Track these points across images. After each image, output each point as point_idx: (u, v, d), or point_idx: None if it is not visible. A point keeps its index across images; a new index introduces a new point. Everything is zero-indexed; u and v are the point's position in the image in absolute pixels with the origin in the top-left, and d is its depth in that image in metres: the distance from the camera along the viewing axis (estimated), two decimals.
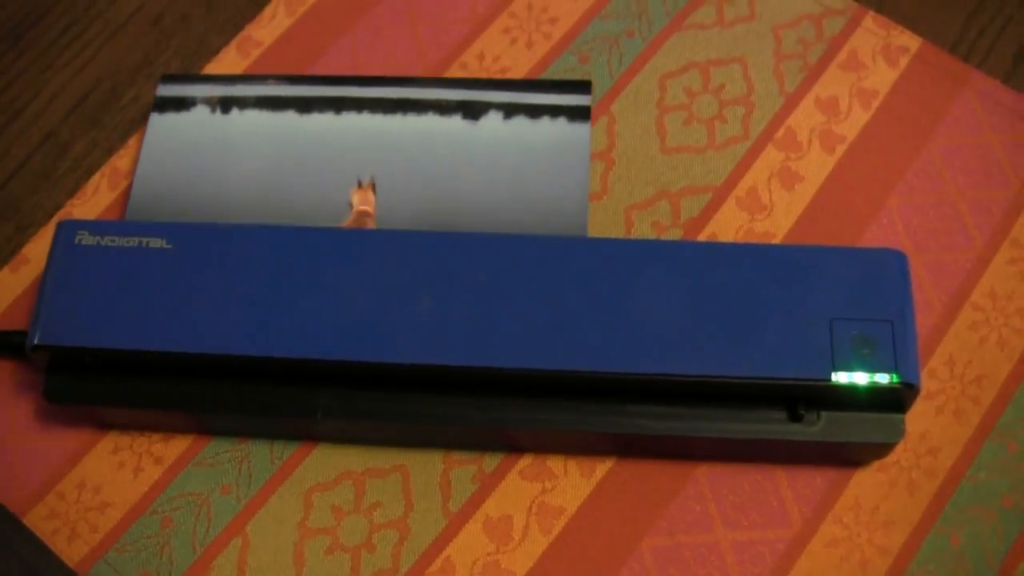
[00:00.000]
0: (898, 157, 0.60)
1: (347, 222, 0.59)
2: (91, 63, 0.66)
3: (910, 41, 0.63)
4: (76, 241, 0.55)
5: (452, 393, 0.53)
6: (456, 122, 0.61)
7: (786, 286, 0.52)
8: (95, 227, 0.55)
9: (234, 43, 0.66)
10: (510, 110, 0.62)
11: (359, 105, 0.62)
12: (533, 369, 0.51)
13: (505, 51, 0.64)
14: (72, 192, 0.63)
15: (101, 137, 0.64)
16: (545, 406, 0.53)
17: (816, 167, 0.60)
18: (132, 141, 0.63)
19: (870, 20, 0.64)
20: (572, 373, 0.51)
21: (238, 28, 0.66)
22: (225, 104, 0.63)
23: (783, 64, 0.63)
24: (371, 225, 0.59)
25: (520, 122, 0.61)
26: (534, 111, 0.61)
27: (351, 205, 0.60)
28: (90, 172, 0.63)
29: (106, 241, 0.55)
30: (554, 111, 0.61)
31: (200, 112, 0.63)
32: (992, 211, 0.59)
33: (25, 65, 0.67)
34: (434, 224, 0.59)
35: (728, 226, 0.59)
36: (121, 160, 0.63)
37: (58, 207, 0.62)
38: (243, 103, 0.63)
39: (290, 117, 0.62)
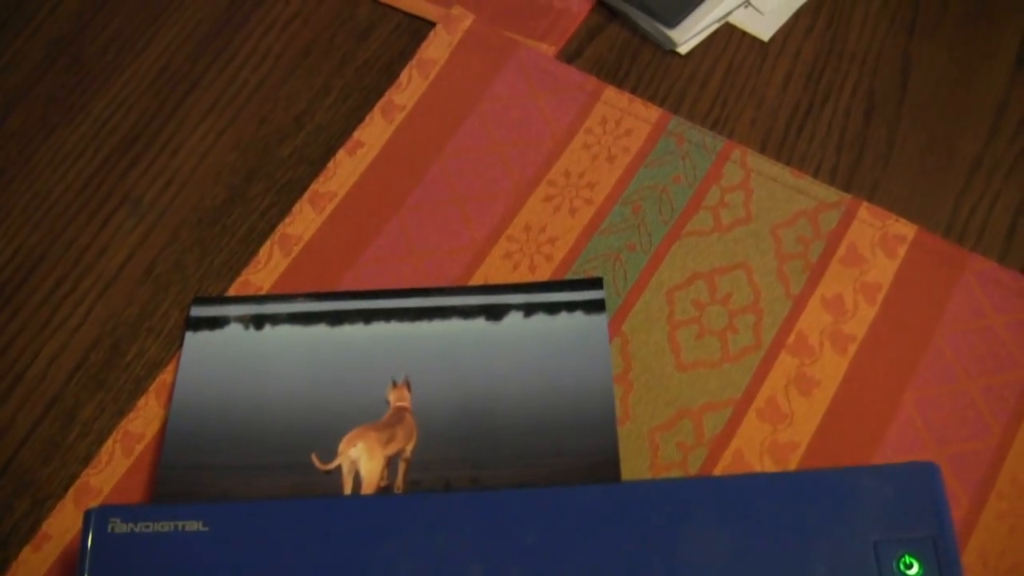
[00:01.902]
0: (908, 350, 0.61)
1: (386, 416, 0.60)
2: (87, 320, 0.65)
3: (905, 229, 0.64)
4: (109, 530, 0.54)
5: None
6: (480, 324, 0.63)
7: (827, 512, 0.53)
8: (127, 513, 0.54)
9: (232, 288, 0.65)
10: (529, 309, 0.63)
11: (387, 315, 0.64)
12: None
13: (508, 277, 0.64)
14: (86, 460, 0.62)
15: (108, 399, 0.63)
16: None
17: (831, 369, 0.61)
18: (142, 402, 0.62)
19: (864, 211, 0.65)
20: None
21: (234, 272, 0.66)
22: (258, 321, 0.64)
23: (786, 265, 0.63)
24: (409, 420, 0.60)
25: (540, 319, 0.63)
26: (552, 308, 0.63)
27: (388, 402, 0.61)
28: (102, 437, 0.62)
29: (140, 527, 0.54)
30: (571, 306, 0.63)
31: (234, 329, 0.64)
32: (1005, 396, 0.60)
33: (20, 326, 0.66)
34: (467, 419, 0.60)
35: (752, 440, 0.60)
36: (132, 423, 0.62)
37: (73, 477, 0.61)
38: (275, 319, 0.64)
39: (321, 330, 0.64)
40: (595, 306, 0.63)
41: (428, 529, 0.53)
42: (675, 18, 0.71)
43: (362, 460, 0.59)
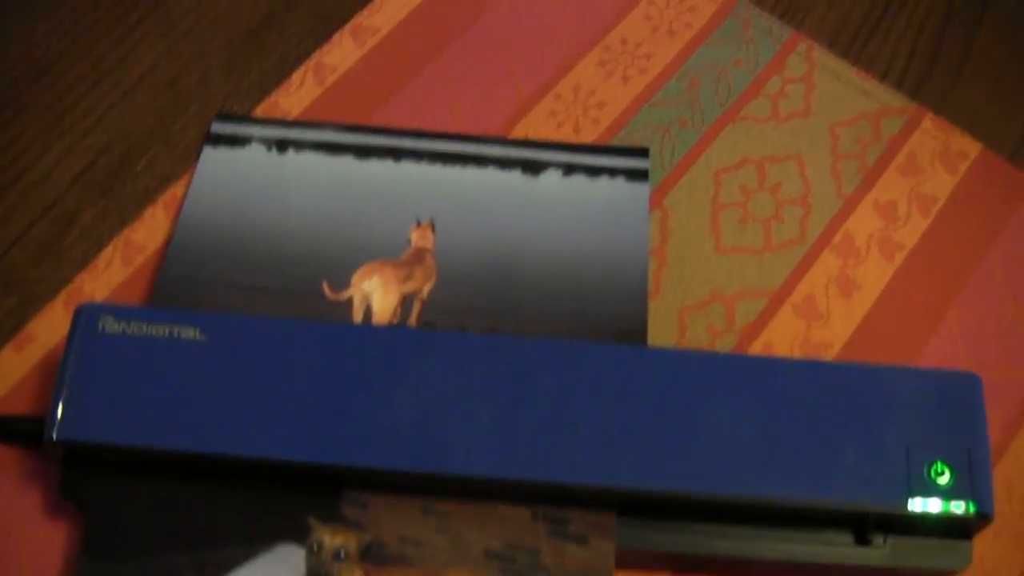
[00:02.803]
0: (957, 267, 0.59)
1: (406, 255, 0.57)
2: (99, 125, 0.62)
3: (970, 147, 0.61)
4: (99, 328, 0.51)
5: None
6: (516, 176, 0.60)
7: (860, 406, 0.50)
8: (121, 313, 0.51)
9: (258, 110, 0.62)
10: (569, 168, 0.60)
11: (418, 156, 0.61)
12: (592, 485, 0.48)
13: (550, 135, 0.61)
14: (81, 265, 0.58)
15: (112, 207, 0.59)
16: None
17: (875, 275, 0.58)
18: (148, 212, 0.59)
19: (928, 122, 0.62)
20: (634, 490, 0.48)
21: (263, 94, 0.62)
22: (281, 145, 0.61)
23: (840, 164, 0.61)
24: (429, 260, 0.57)
25: (579, 180, 0.60)
26: (593, 171, 0.60)
27: (409, 241, 0.58)
28: (101, 244, 0.58)
29: (132, 329, 0.51)
30: (613, 172, 0.60)
31: (256, 150, 0.60)
32: None
33: (27, 124, 0.62)
34: (490, 269, 0.57)
35: (784, 334, 0.57)
36: (136, 233, 0.58)
37: (66, 280, 0.58)
38: (300, 145, 0.61)
39: (348, 161, 0.60)
40: (638, 175, 0.60)
41: (438, 367, 0.50)
42: None
43: (376, 294, 0.55)
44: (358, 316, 0.55)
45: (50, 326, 0.57)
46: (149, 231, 0.59)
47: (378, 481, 0.50)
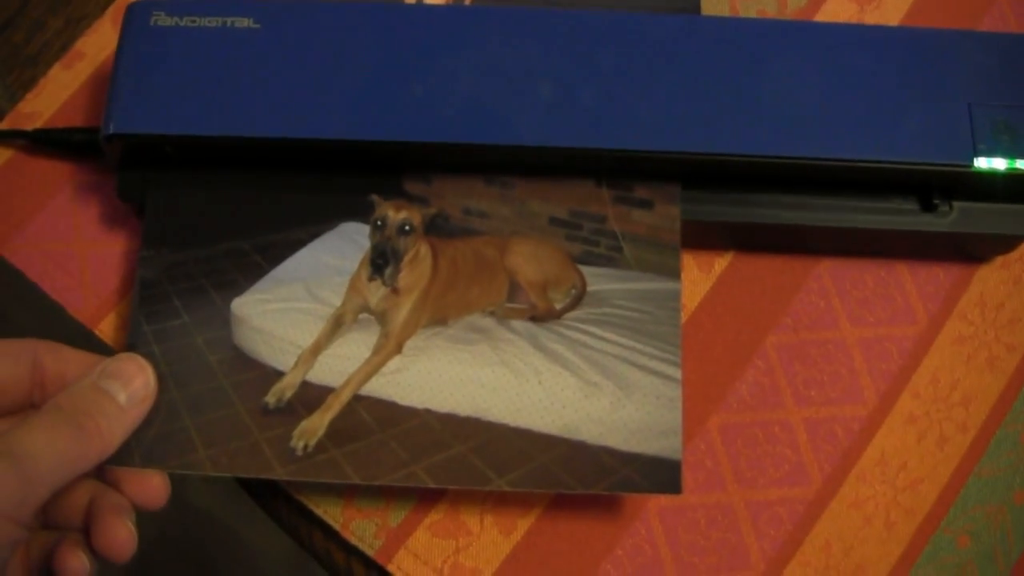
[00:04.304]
0: None
1: None
2: None
3: None
4: (151, 22, 0.50)
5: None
6: None
7: (923, 69, 0.50)
8: (173, 7, 0.50)
9: None
10: None
11: None
12: (656, 151, 0.48)
13: None
14: None
15: None
16: None
17: None
18: None
19: None
20: (697, 155, 0.48)
21: None
22: None
23: None
24: None
25: None
26: None
27: None
28: None
29: (185, 21, 0.50)
30: None
31: None
32: None
33: None
34: None
35: (836, 18, 0.56)
36: None
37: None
38: None
39: None
40: None
41: (497, 41, 0.50)
42: None
43: None
44: None
45: (98, 43, 0.56)
46: None
47: (442, 158, 0.50)
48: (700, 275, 0.53)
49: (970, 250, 0.53)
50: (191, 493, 0.67)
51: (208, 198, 0.50)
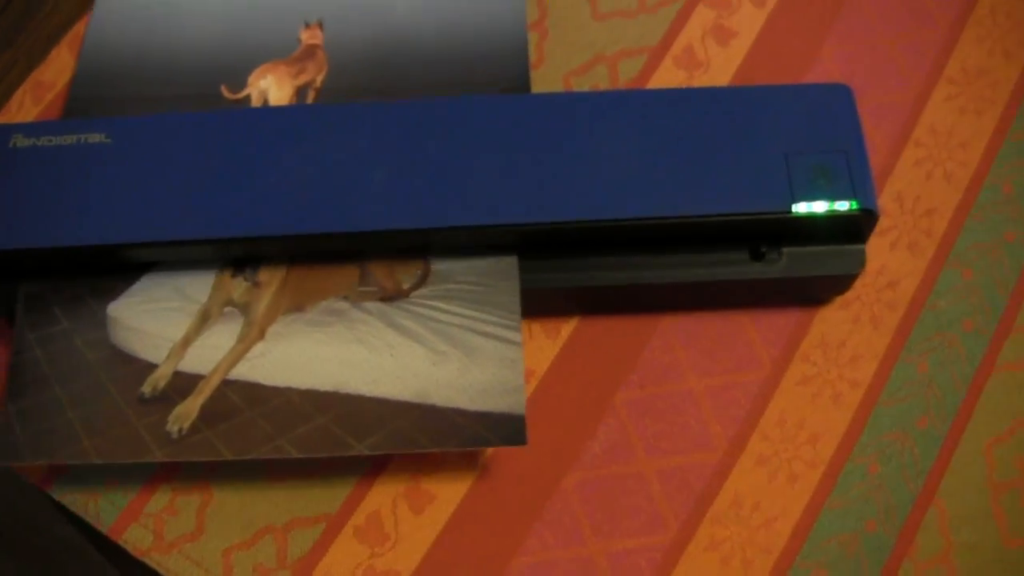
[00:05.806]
0: (827, 5, 0.61)
1: (297, 52, 0.59)
2: None
3: None
4: (11, 145, 0.53)
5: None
6: None
7: (738, 125, 0.52)
8: (30, 129, 0.53)
9: None
10: None
11: None
12: (493, 225, 0.50)
13: None
14: None
15: (20, 54, 0.62)
16: None
17: (748, 22, 0.60)
18: (54, 52, 0.61)
19: None
20: (532, 225, 0.50)
21: None
22: None
23: None
24: (320, 55, 0.59)
25: None
26: None
27: (300, 41, 0.60)
28: (11, 89, 0.61)
29: (43, 141, 0.53)
30: None
31: None
32: (924, 52, 0.60)
33: None
34: (378, 54, 0.59)
35: (667, 85, 0.59)
36: (43, 74, 0.61)
37: None
38: None
39: None
40: None
41: (331, 136, 0.52)
42: None
43: (271, 90, 0.57)
44: None
45: None
46: (56, 69, 0.61)
47: (284, 248, 0.52)
48: (547, 342, 0.55)
49: (808, 293, 0.55)
50: None
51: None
